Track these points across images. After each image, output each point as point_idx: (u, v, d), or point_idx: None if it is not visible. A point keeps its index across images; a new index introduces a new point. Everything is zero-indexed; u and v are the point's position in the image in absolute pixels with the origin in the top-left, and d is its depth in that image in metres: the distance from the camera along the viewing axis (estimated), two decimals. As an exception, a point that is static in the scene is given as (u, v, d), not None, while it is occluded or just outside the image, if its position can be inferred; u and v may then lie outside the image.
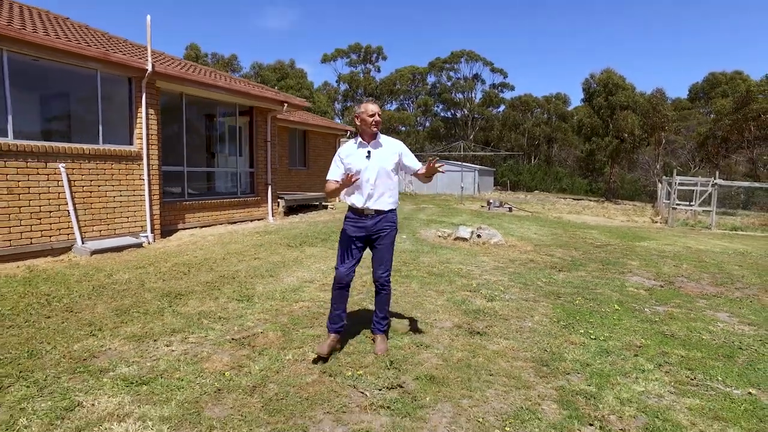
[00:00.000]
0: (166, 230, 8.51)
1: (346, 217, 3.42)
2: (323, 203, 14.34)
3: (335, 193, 3.32)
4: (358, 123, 3.34)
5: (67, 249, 6.78)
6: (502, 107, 62.65)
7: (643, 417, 2.54)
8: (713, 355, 3.50)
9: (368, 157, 3.30)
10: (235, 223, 10.25)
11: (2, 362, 3.08)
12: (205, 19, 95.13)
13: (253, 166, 11.18)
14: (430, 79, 64.07)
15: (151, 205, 7.95)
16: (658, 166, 34.17)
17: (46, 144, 6.53)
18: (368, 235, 3.33)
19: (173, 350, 3.36)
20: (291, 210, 12.60)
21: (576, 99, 71.14)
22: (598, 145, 36.96)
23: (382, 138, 3.39)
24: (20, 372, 2.95)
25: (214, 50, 55.67)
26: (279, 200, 11.91)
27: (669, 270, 7.02)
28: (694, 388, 2.93)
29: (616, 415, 2.54)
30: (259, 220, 10.97)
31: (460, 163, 35.07)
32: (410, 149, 3.46)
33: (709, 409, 2.64)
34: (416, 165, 3.41)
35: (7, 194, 6.09)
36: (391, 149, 3.38)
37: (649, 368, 3.19)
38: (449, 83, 62.54)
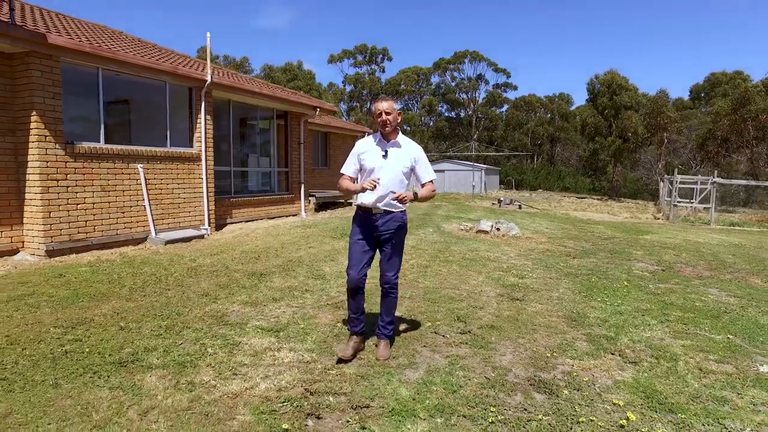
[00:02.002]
0: (219, 224, 9.51)
1: (354, 217, 3.43)
2: (347, 201, 15.33)
3: (351, 193, 3.35)
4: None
5: (143, 239, 7.77)
6: (505, 107, 63.65)
7: (649, 350, 3.52)
8: (703, 315, 4.48)
9: (385, 156, 3.24)
10: (273, 218, 11.24)
11: (163, 317, 4.07)
12: (200, 16, 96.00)
13: (287, 166, 12.18)
14: (434, 79, 65.04)
15: (208, 201, 8.95)
16: (660, 165, 35.11)
17: (128, 147, 7.52)
18: (377, 235, 3.29)
19: (284, 311, 4.34)
20: (320, 207, 13.59)
21: (578, 99, 72.20)
22: (602, 144, 37.89)
23: (403, 139, 3.33)
24: (182, 323, 3.94)
25: (213, 49, 56.61)
26: (310, 198, 12.91)
27: (669, 258, 7.99)
28: (686, 335, 3.91)
29: (630, 349, 3.53)
30: (293, 215, 11.96)
31: (471, 163, 36.03)
32: None
33: (696, 346, 3.62)
34: (425, 177, 3.36)
35: (101, 191, 7.08)
36: (409, 153, 3.30)
37: (653, 323, 4.18)
38: (453, 83, 63.48)
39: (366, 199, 3.26)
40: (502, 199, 20.57)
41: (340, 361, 3.16)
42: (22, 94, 6.26)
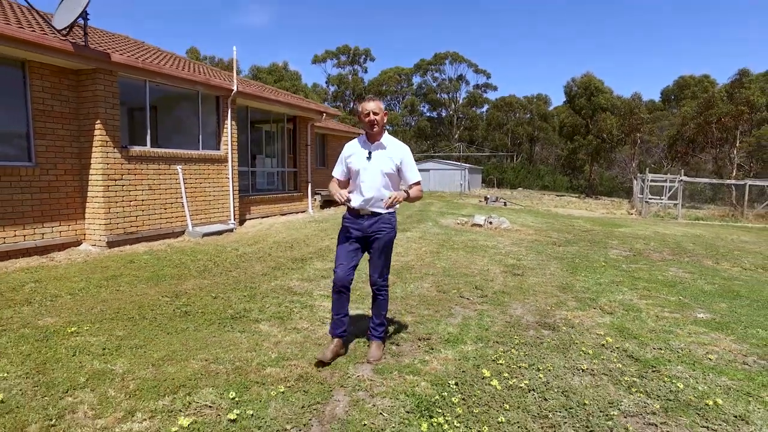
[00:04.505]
0: (240, 220, 10.49)
1: (343, 217, 3.40)
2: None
3: (336, 198, 3.25)
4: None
5: (181, 233, 8.72)
6: (485, 107, 65.43)
7: (621, 306, 4.73)
8: (663, 285, 5.74)
9: (369, 158, 3.25)
10: (285, 214, 12.25)
11: (242, 290, 5.11)
12: (178, 11, 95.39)
13: (296, 166, 13.20)
14: (416, 79, 66.37)
15: (233, 199, 9.93)
16: (633, 165, 37.05)
17: (170, 150, 8.46)
18: (365, 236, 3.30)
19: (336, 285, 5.41)
20: (324, 204, 14.62)
21: (556, 99, 74.47)
22: (579, 144, 39.71)
23: (388, 139, 3.31)
24: (260, 294, 4.99)
25: (192, 46, 56.67)
26: (316, 196, 13.94)
27: (640, 246, 9.31)
28: (649, 297, 5.14)
29: (607, 306, 4.74)
30: (302, 212, 12.98)
31: (459, 163, 37.47)
32: None
33: (656, 303, 4.86)
34: (412, 179, 3.33)
35: (149, 190, 8.03)
36: (394, 153, 3.27)
37: (625, 290, 5.41)
38: (435, 84, 64.92)
39: (353, 201, 3.25)
40: (488, 196, 21.91)
41: (320, 363, 3.14)
42: (87, 105, 7.18)
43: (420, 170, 3.55)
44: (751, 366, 3.30)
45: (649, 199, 20.23)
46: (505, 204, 20.61)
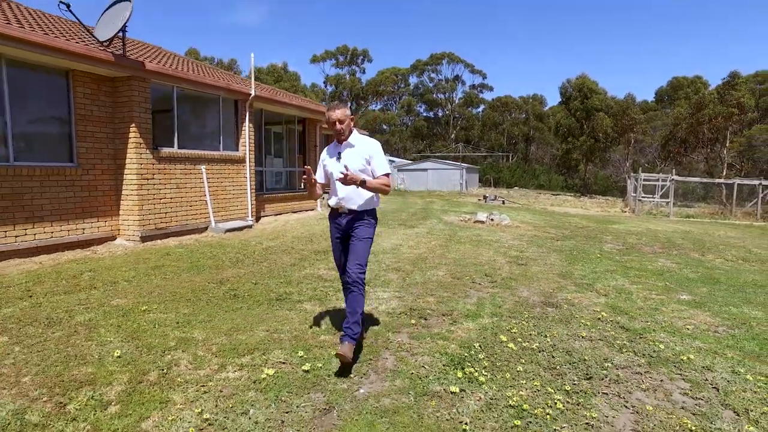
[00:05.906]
0: (257, 217, 11.08)
1: (328, 217, 3.60)
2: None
3: (311, 196, 3.52)
4: None
5: (205, 229, 9.31)
6: (482, 107, 66.17)
7: (614, 290, 5.38)
8: (652, 273, 6.40)
9: (339, 159, 3.37)
10: (296, 212, 12.84)
11: (277, 277, 5.72)
12: (170, 10, 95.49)
13: (305, 166, 13.77)
14: (413, 80, 67.00)
15: (250, 197, 10.52)
16: (627, 164, 37.87)
17: (194, 151, 9.05)
18: (345, 233, 3.45)
19: (360, 273, 6.03)
20: (330, 202, 15.22)
21: (551, 99, 75.19)
22: (574, 144, 40.49)
23: (357, 138, 3.41)
24: (295, 280, 5.60)
25: (192, 47, 57.12)
26: (325, 194, 14.53)
27: (632, 241, 9.99)
28: (639, 283, 5.80)
29: (602, 289, 5.39)
30: (311, 210, 13.58)
31: (458, 162, 38.20)
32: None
33: (645, 288, 5.52)
34: (378, 171, 3.35)
35: (176, 188, 8.61)
36: (362, 150, 3.36)
37: (618, 277, 6.06)
38: (431, 84, 65.60)
39: (331, 201, 3.46)
40: (487, 195, 22.59)
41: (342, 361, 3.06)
42: (122, 109, 7.75)
43: (418, 170, 4.06)
44: (720, 333, 3.96)
45: (642, 197, 20.96)
46: (503, 202, 21.29)
